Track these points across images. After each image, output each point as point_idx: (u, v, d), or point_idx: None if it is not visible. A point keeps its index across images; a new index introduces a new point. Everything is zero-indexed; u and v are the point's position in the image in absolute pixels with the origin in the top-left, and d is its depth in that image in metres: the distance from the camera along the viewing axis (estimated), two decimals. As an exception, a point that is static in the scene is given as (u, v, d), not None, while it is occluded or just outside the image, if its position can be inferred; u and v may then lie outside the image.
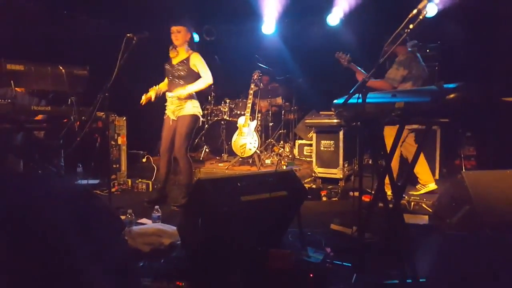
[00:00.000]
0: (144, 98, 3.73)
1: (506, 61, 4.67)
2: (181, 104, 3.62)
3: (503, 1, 4.56)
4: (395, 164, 4.02)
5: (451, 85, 1.79)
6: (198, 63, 3.61)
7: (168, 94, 3.67)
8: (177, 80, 3.62)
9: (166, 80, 3.79)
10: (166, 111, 3.76)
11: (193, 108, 3.65)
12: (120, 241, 2.10)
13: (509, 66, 4.63)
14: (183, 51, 3.65)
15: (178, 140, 3.63)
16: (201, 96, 4.00)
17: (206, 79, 3.60)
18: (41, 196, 1.39)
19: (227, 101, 5.97)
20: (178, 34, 3.58)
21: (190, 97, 3.63)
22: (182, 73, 3.59)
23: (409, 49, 3.92)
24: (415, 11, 2.03)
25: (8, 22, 4.31)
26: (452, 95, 1.72)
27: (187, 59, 3.61)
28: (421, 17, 2.02)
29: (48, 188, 1.52)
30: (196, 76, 3.63)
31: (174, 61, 3.66)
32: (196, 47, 3.76)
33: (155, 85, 3.77)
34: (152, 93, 3.70)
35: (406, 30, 2.04)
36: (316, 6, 6.04)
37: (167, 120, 3.73)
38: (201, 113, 3.82)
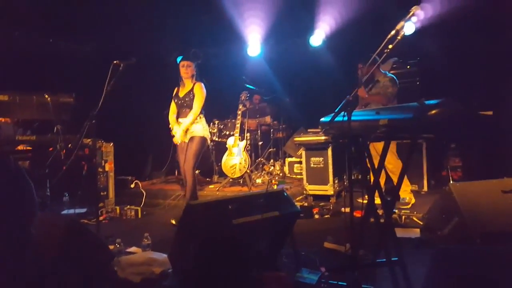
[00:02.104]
0: (175, 140, 4.04)
1: (483, 75, 4.84)
2: (194, 128, 3.95)
3: (480, 16, 4.74)
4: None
5: (432, 101, 1.84)
6: (197, 93, 3.95)
7: (179, 120, 4.01)
8: (186, 109, 3.96)
9: (171, 110, 4.12)
10: (176, 135, 4.04)
11: (203, 130, 3.99)
12: (109, 272, 2.05)
13: (485, 80, 4.81)
14: (189, 82, 4.00)
15: (188, 158, 3.91)
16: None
17: (194, 111, 3.92)
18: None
19: (216, 122, 5.99)
20: (188, 68, 3.96)
21: (199, 119, 3.97)
22: (189, 103, 3.94)
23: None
24: (393, 32, 2.11)
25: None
26: (433, 111, 1.76)
27: (192, 89, 3.97)
28: (399, 37, 2.10)
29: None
30: None
31: (181, 93, 4.02)
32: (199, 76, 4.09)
33: (170, 128, 4.11)
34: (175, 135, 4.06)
35: (385, 50, 2.11)
36: (299, 28, 6.20)
37: (181, 144, 4.00)
38: (209, 136, 4.24)
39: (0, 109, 2.96)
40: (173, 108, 4.12)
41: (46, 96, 3.12)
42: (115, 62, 2.91)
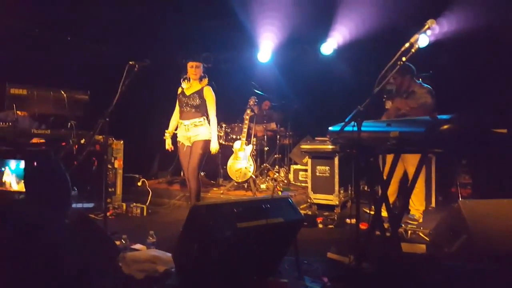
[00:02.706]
0: (168, 145, 4.05)
1: (497, 92, 4.79)
2: (197, 130, 3.88)
3: (495, 31, 4.72)
4: (394, 187, 4.06)
5: (444, 116, 1.84)
6: (209, 97, 3.93)
7: (184, 122, 3.91)
8: (191, 109, 3.89)
9: (175, 112, 4.07)
10: (180, 138, 3.99)
11: (207, 133, 3.92)
12: (114, 267, 2.07)
13: (500, 97, 4.76)
14: (196, 83, 3.94)
15: (192, 161, 3.84)
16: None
17: (213, 117, 3.94)
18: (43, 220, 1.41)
19: (223, 125, 6.01)
20: (197, 69, 3.90)
21: (203, 122, 3.91)
22: (197, 103, 3.88)
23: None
24: (407, 44, 2.12)
25: (10, 47, 4.38)
26: (445, 126, 1.76)
27: (201, 90, 3.91)
28: (413, 50, 2.11)
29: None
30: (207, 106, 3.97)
31: (188, 92, 3.93)
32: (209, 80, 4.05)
33: (165, 130, 4.06)
34: (168, 140, 4.05)
35: (399, 63, 2.11)
36: (310, 36, 6.22)
37: (182, 147, 3.96)
38: None
39: (19, 102, 3.04)
40: (176, 112, 4.05)
41: (63, 92, 3.19)
42: (130, 62, 2.96)
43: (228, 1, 5.37)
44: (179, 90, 4.03)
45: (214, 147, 3.92)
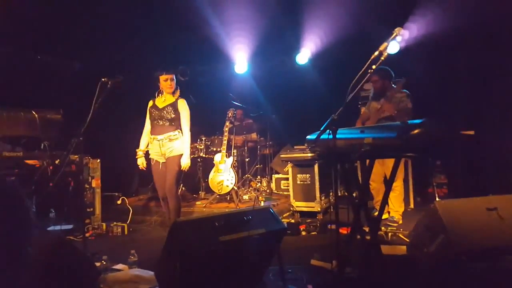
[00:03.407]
0: (142, 165, 3.84)
1: (465, 95, 4.99)
2: (172, 145, 3.70)
3: (463, 36, 4.92)
4: (379, 186, 4.15)
5: (416, 121, 1.91)
6: (184, 110, 3.79)
7: (157, 137, 3.71)
8: (165, 123, 3.72)
9: (146, 128, 3.88)
10: (153, 156, 3.79)
11: (182, 147, 3.75)
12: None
13: (468, 100, 4.96)
14: (170, 96, 3.80)
15: (169, 179, 3.68)
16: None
17: (186, 131, 3.78)
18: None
19: (203, 138, 6.01)
20: (172, 82, 3.77)
21: (178, 135, 3.74)
22: (171, 116, 3.72)
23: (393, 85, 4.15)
24: (376, 52, 2.19)
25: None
26: (416, 131, 1.83)
27: (175, 103, 3.77)
28: (382, 58, 2.18)
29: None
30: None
31: (161, 105, 3.78)
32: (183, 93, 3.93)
33: (137, 148, 3.87)
34: (141, 160, 3.85)
35: (369, 70, 2.18)
36: (285, 46, 6.34)
37: (156, 164, 3.77)
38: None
39: (-13, 125, 2.94)
40: (148, 127, 3.87)
41: (34, 112, 3.12)
42: (103, 79, 2.93)
43: (201, 14, 5.41)
44: (150, 103, 3.86)
45: (185, 163, 3.71)
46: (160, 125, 3.73)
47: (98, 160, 4.74)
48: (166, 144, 3.70)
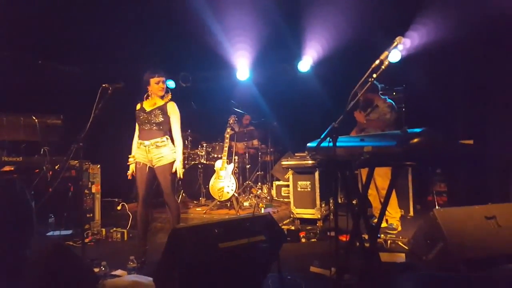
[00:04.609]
0: (130, 174, 3.59)
1: (465, 104, 5.02)
2: (160, 152, 3.47)
3: (464, 46, 4.95)
4: (375, 193, 4.17)
5: (415, 130, 1.91)
6: (175, 113, 3.58)
7: (144, 142, 3.48)
8: (152, 127, 3.48)
9: (137, 133, 3.64)
10: (139, 159, 3.53)
11: (172, 153, 3.51)
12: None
13: (467, 109, 4.98)
14: (159, 99, 3.59)
15: (166, 188, 3.47)
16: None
17: (178, 135, 3.55)
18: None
19: (204, 144, 6.02)
20: (163, 84, 3.56)
21: (166, 141, 3.51)
22: (159, 120, 3.48)
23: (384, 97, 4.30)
24: (377, 61, 2.20)
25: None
26: (416, 140, 1.83)
27: (164, 106, 3.55)
28: (383, 67, 2.19)
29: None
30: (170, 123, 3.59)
31: (148, 108, 3.55)
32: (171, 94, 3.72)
33: (129, 155, 3.62)
34: (132, 166, 3.59)
35: (370, 79, 2.20)
36: (287, 54, 6.38)
37: (143, 167, 3.49)
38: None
39: (-13, 130, 2.96)
40: (137, 131, 3.61)
41: (34, 117, 3.13)
42: (103, 85, 2.93)
43: (204, 22, 5.46)
44: (138, 106, 3.61)
45: (179, 167, 3.47)
46: (147, 129, 3.49)
47: (98, 166, 4.75)
48: (152, 151, 3.46)
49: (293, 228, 4.42)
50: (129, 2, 5.08)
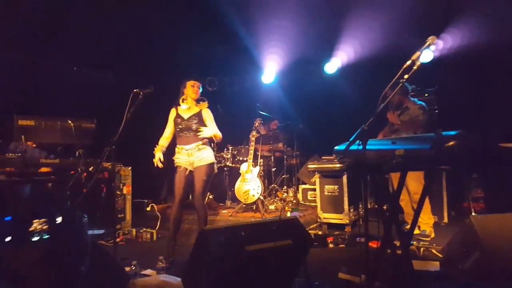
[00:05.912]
0: (156, 160, 3.73)
1: (504, 105, 4.77)
2: (201, 153, 3.68)
3: (500, 45, 4.73)
4: (407, 198, 4.04)
5: (450, 132, 1.83)
6: (209, 117, 3.80)
7: (185, 147, 3.68)
8: (191, 133, 3.69)
9: (167, 134, 3.83)
10: (179, 163, 3.70)
11: (211, 155, 3.75)
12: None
13: (507, 111, 4.73)
14: (194, 105, 3.79)
15: (197, 188, 3.65)
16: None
17: (217, 131, 3.76)
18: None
19: (230, 147, 6.06)
20: (198, 89, 3.79)
21: (207, 144, 3.75)
22: (196, 126, 3.69)
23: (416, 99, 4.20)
24: (409, 62, 2.13)
25: (18, 79, 4.51)
26: (451, 143, 1.75)
27: (199, 113, 3.77)
28: (415, 67, 2.12)
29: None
30: None
31: (186, 115, 3.75)
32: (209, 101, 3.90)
33: (156, 145, 3.80)
34: (159, 154, 3.74)
35: (401, 80, 2.13)
36: (314, 56, 6.31)
37: (183, 170, 3.67)
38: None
39: (27, 133, 3.11)
40: (169, 133, 3.82)
41: (70, 121, 3.27)
42: (134, 90, 3.02)
43: (232, 25, 5.50)
44: (174, 112, 3.81)
45: (209, 130, 3.68)
46: (187, 136, 3.71)
47: (129, 168, 4.89)
48: (195, 154, 3.67)
49: (320, 233, 4.36)
50: (158, 9, 5.19)
